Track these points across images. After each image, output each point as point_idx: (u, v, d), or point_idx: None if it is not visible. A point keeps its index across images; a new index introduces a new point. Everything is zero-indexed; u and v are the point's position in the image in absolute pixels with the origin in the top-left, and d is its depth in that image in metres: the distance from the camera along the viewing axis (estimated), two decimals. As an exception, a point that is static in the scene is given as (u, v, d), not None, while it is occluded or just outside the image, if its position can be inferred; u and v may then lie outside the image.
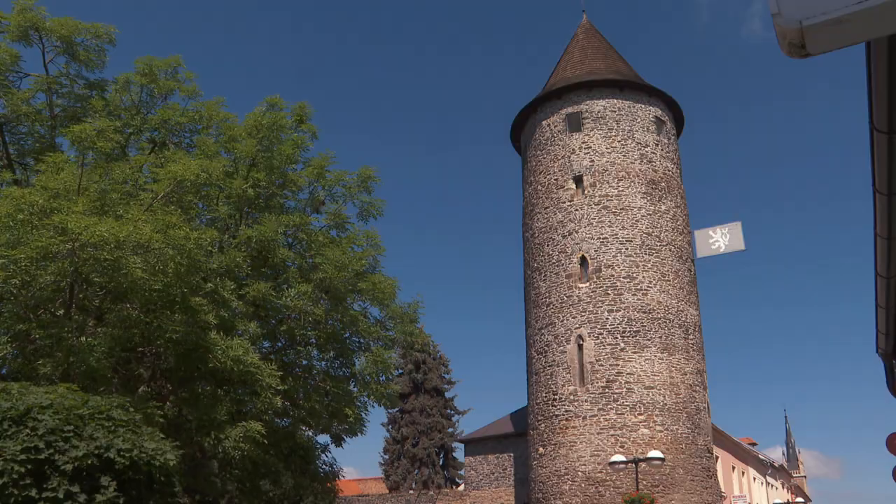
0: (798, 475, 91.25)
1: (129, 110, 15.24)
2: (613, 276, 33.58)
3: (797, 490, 67.21)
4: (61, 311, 11.09)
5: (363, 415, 15.39)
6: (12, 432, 7.01)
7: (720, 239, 34.56)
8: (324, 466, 16.11)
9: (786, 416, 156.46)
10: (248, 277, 14.35)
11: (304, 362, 15.53)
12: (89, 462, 7.14)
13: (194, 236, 11.30)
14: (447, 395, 55.27)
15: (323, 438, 16.28)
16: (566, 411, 32.99)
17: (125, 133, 14.81)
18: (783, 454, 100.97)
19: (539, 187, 36.77)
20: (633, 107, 36.19)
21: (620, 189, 34.68)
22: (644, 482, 27.71)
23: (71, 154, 13.11)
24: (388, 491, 51.51)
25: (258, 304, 14.18)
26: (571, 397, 32.99)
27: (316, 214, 16.36)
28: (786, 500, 54.14)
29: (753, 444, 58.66)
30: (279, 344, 15.52)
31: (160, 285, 10.80)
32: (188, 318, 11.63)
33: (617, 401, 32.13)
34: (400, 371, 51.73)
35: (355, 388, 15.44)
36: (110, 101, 15.07)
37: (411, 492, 48.47)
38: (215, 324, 12.22)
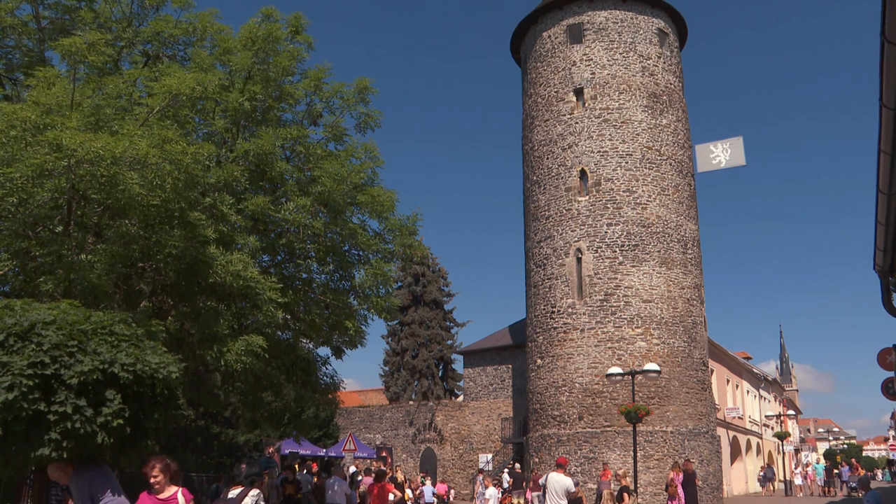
0: (790, 389, 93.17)
1: (119, 22, 14.87)
2: (613, 189, 33.52)
3: (789, 403, 68.66)
4: (60, 229, 11.06)
5: (363, 327, 15.54)
6: (18, 347, 7.07)
7: (721, 154, 34.28)
8: (325, 378, 16.34)
9: (781, 332, 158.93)
10: (247, 191, 14.28)
11: (304, 275, 15.58)
12: (94, 376, 7.22)
13: (191, 151, 11.17)
14: (446, 307, 55.81)
15: (323, 351, 16.55)
16: (564, 324, 33.41)
17: (117, 46, 14.48)
18: (777, 368, 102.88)
19: (539, 100, 36.34)
20: (636, 18, 35.42)
21: (621, 102, 34.27)
22: (640, 394, 28.28)
23: (62, 68, 12.87)
24: (388, 402, 52.60)
25: (257, 217, 14.15)
26: (570, 310, 33.35)
27: (313, 127, 16.18)
28: (777, 413, 55.36)
29: (748, 358, 59.71)
30: (279, 258, 15.56)
31: (158, 201, 10.75)
32: (187, 233, 11.61)
33: (615, 314, 32.50)
34: (399, 284, 52.10)
35: (355, 301, 15.54)
36: (100, 12, 14.68)
37: (411, 402, 49.52)
38: (214, 238, 12.21)
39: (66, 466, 7.66)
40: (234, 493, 7.35)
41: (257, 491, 7.51)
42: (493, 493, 19.03)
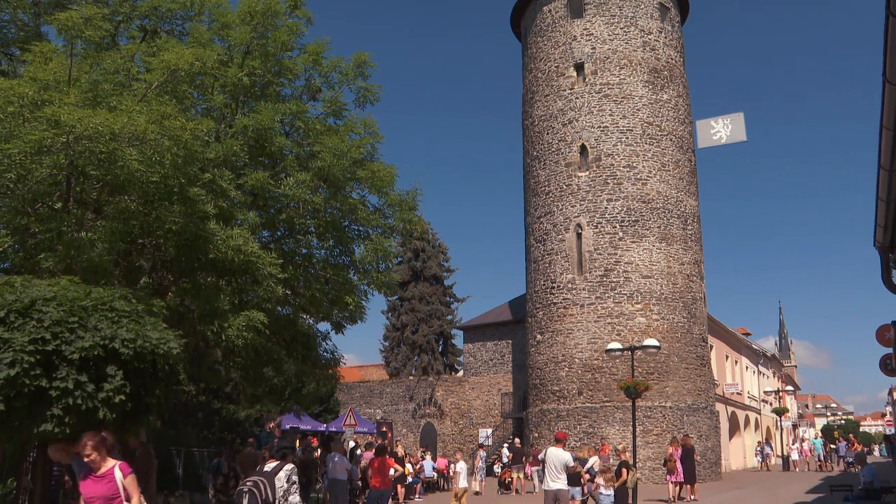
0: (789, 365, 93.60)
1: (117, -4, 14.74)
2: (613, 165, 33.44)
3: (787, 379, 69.00)
4: (59, 205, 11.03)
5: (363, 302, 15.54)
6: (19, 324, 7.09)
7: (722, 129, 34.13)
8: (325, 353, 16.39)
9: (780, 308, 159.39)
10: (246, 167, 14.23)
11: (304, 251, 15.57)
12: (95, 352, 7.25)
13: (190, 126, 11.12)
14: (446, 282, 55.85)
15: (324, 326, 16.54)
16: (564, 299, 33.46)
17: (114, 21, 14.34)
18: (775, 344, 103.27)
19: (539, 75, 36.13)
20: (637, -9, 35.12)
21: (622, 77, 34.08)
22: (639, 369, 28.38)
23: (58, 43, 12.73)
24: (388, 377, 52.82)
25: (257, 193, 14.12)
26: (570, 285, 33.39)
27: (312, 102, 16.10)
28: (776, 388, 55.62)
29: (747, 334, 59.88)
30: (279, 233, 15.54)
31: (157, 177, 10.72)
32: (187, 208, 11.59)
33: (614, 289, 32.55)
34: (399, 259, 52.11)
35: (355, 277, 15.54)
36: (97, -14, 14.54)
37: (411, 378, 49.73)
38: (214, 214, 12.18)
39: (67, 446, 7.71)
40: (269, 466, 7.43)
41: (291, 465, 7.59)
42: (462, 466, 19.12)
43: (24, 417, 7.09)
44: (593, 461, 17.78)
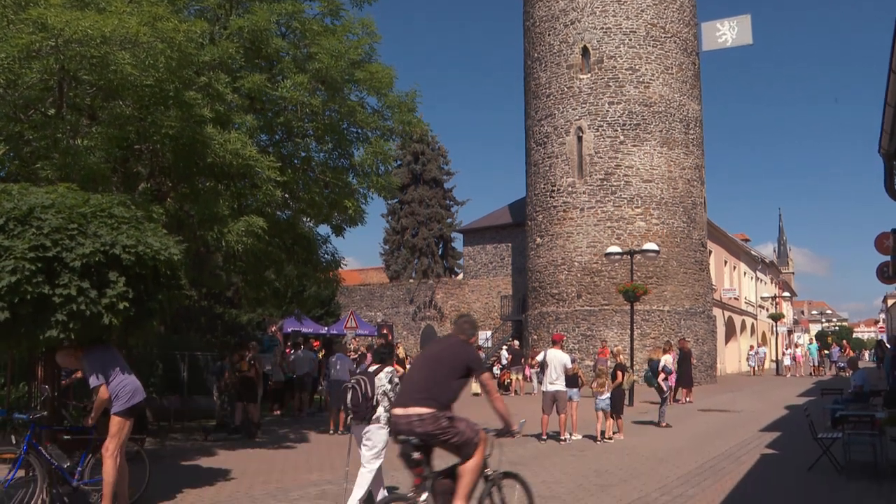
0: (787, 271, 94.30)
1: None
2: (615, 67, 32.86)
3: (784, 285, 69.61)
4: (53, 111, 10.84)
5: (363, 206, 15.47)
6: (18, 231, 7.06)
7: (727, 32, 33.41)
8: (326, 256, 16.41)
9: (780, 215, 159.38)
10: (242, 70, 13.94)
11: (303, 154, 15.41)
12: (96, 259, 7.25)
13: (183, 28, 10.82)
14: (446, 185, 55.78)
15: (324, 229, 16.53)
16: (564, 203, 33.45)
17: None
18: (774, 251, 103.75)
19: (542, -28, 35.09)
20: None
21: (627, -25, 33.11)
22: (638, 273, 28.60)
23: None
24: (388, 280, 53.30)
25: (253, 96, 13.88)
26: (570, 189, 33.32)
27: (308, 2, 15.65)
28: (773, 294, 56.19)
29: (746, 240, 60.08)
30: (277, 136, 15.34)
31: (152, 81, 10.48)
32: (183, 113, 11.39)
33: (615, 193, 32.50)
34: (399, 162, 51.87)
35: (354, 180, 15.43)
36: None
37: (411, 281, 50.20)
38: (211, 118, 12.00)
39: (76, 351, 7.83)
40: (372, 367, 8.28)
41: (391, 368, 8.32)
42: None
43: (29, 324, 7.15)
44: (665, 359, 18.61)
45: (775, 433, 15.95)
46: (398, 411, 5.84)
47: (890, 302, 64.38)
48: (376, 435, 7.83)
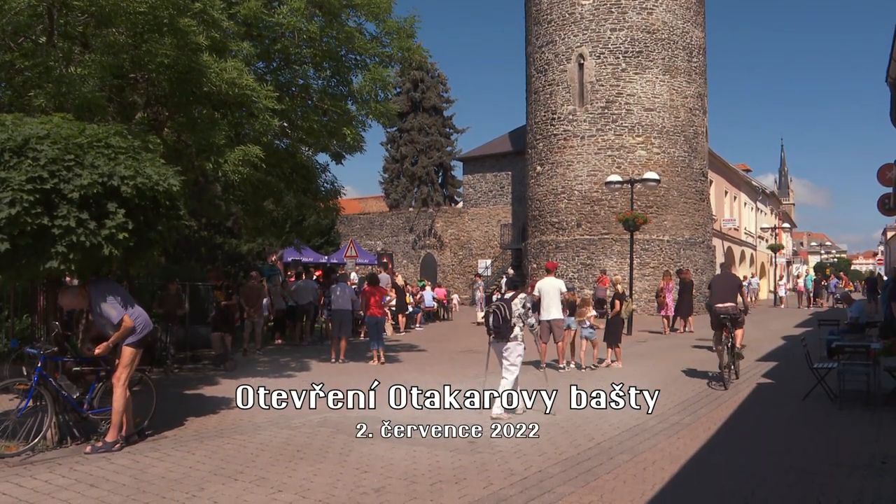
0: (787, 202, 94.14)
1: None
2: (619, -8, 32.16)
3: (784, 216, 69.54)
4: (44, 39, 10.62)
5: (362, 133, 15.33)
6: (14, 163, 6.98)
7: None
8: (325, 185, 16.33)
9: (782, 145, 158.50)
10: (238, -5, 13.64)
11: (301, 82, 15.18)
12: (95, 190, 7.20)
13: (175, -49, 10.55)
14: (445, 113, 55.23)
15: (323, 158, 16.43)
16: (564, 131, 33.19)
17: None
18: (775, 181, 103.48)
19: None
20: None
21: None
22: (639, 202, 28.54)
23: None
24: (388, 209, 53.23)
25: (250, 23, 13.60)
26: (570, 117, 33.02)
27: (304, -76, 15.21)
28: (773, 225, 56.16)
29: (747, 171, 59.80)
30: (274, 64, 15.09)
31: (145, 7, 10.22)
32: (178, 40, 11.15)
33: (616, 121, 32.21)
34: (398, 89, 51.25)
35: (353, 107, 15.25)
36: None
37: (411, 209, 50.13)
38: (207, 46, 11.75)
39: (81, 289, 7.87)
40: (508, 294, 9.80)
41: (524, 294, 9.97)
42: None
43: (30, 255, 7.15)
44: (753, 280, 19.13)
45: (772, 363, 16.14)
46: (719, 305, 12.63)
47: (889, 234, 64.44)
48: (514, 350, 9.60)
